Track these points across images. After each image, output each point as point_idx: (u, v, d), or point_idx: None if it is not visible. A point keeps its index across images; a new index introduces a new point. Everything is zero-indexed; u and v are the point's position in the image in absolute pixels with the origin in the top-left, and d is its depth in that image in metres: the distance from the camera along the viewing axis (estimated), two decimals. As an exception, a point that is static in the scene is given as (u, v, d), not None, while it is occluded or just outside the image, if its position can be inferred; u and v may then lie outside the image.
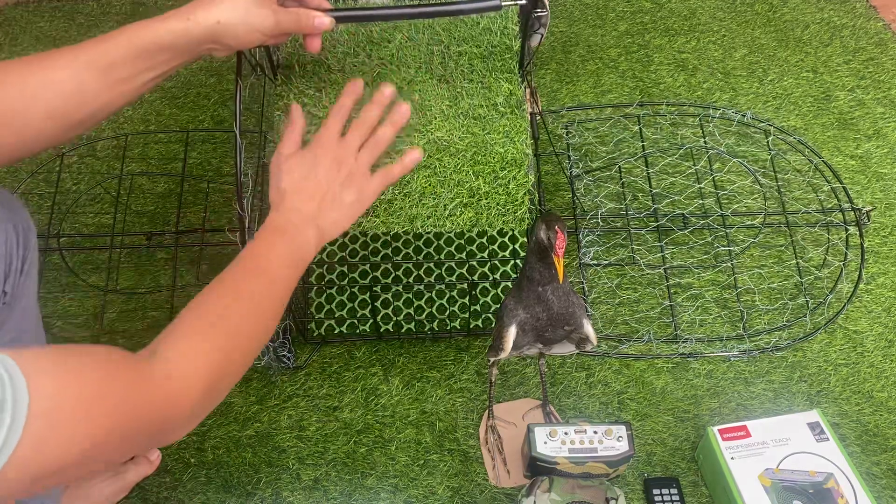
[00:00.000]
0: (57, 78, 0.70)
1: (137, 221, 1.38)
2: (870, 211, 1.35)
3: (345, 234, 0.91)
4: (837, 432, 1.10)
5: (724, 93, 1.70)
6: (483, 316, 1.23)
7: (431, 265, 1.32)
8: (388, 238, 1.29)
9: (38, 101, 0.69)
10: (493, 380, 1.08)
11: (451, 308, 1.24)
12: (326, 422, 1.11)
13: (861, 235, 1.33)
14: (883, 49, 1.84)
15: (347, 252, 1.29)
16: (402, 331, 1.21)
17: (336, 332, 1.21)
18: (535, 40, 1.61)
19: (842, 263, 1.32)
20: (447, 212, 0.95)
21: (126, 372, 0.60)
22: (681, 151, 1.49)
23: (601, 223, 1.35)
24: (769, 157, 1.43)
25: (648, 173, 1.41)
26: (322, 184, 0.83)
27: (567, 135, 1.44)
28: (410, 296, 1.27)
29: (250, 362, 0.75)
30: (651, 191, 1.40)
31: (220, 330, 0.70)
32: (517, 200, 0.95)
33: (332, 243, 1.28)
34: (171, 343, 0.66)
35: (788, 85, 1.73)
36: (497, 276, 1.29)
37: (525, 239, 1.28)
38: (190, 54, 0.78)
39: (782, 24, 1.92)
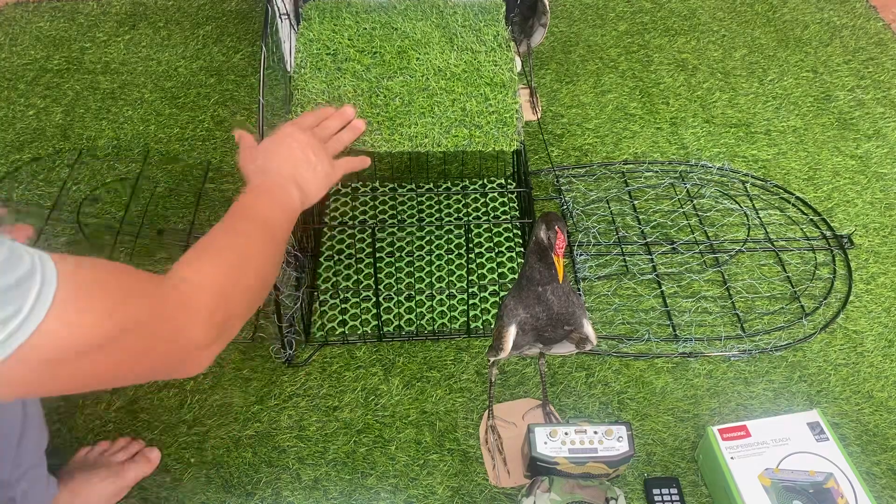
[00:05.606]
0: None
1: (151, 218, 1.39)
2: (851, 235, 1.36)
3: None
4: (837, 432, 1.10)
5: (724, 93, 1.70)
6: (483, 318, 1.23)
7: (433, 269, 1.32)
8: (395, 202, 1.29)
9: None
10: (493, 380, 1.08)
11: (452, 313, 1.25)
12: (326, 422, 1.11)
13: (847, 259, 1.34)
14: (883, 49, 1.84)
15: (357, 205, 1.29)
16: (403, 333, 1.22)
17: (338, 332, 1.21)
18: (536, 38, 1.61)
19: (831, 276, 1.32)
20: (444, 129, 1.05)
21: (140, 272, 0.64)
22: (667, 200, 1.48)
23: (593, 241, 1.36)
24: (750, 203, 1.44)
25: (634, 204, 1.44)
26: (297, 153, 0.92)
27: (557, 182, 1.47)
28: (411, 302, 1.27)
29: (256, 299, 0.78)
30: (637, 215, 1.42)
31: (222, 257, 0.74)
32: (506, 121, 1.06)
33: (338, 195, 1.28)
34: (178, 267, 0.70)
35: (788, 85, 1.73)
36: (496, 275, 1.30)
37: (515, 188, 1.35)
38: None
39: (782, 24, 1.92)
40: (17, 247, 0.52)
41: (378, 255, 1.33)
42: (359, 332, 1.22)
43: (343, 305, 1.26)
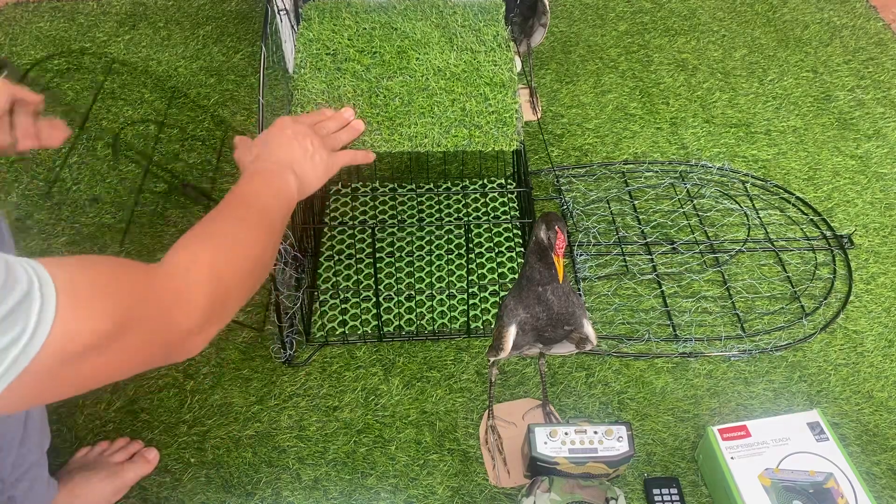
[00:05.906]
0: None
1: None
2: (851, 235, 1.36)
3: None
4: (837, 432, 1.10)
5: (724, 93, 1.70)
6: (483, 318, 1.23)
7: (433, 269, 1.32)
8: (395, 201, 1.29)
9: None
10: (493, 380, 1.08)
11: (452, 313, 1.25)
12: (326, 422, 1.11)
13: (847, 259, 1.34)
14: (883, 49, 1.84)
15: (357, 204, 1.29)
16: (403, 333, 1.22)
17: (338, 332, 1.21)
18: (536, 38, 1.61)
19: (831, 276, 1.32)
20: (444, 129, 1.05)
21: (134, 266, 0.64)
22: (667, 200, 1.48)
23: (593, 241, 1.36)
24: (750, 203, 1.44)
25: (634, 204, 1.44)
26: (294, 143, 0.92)
27: (557, 181, 1.47)
28: (411, 302, 1.27)
29: (252, 284, 0.78)
30: (637, 215, 1.41)
31: (217, 243, 0.74)
32: (506, 121, 1.06)
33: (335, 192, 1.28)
34: (172, 253, 0.70)
35: (788, 85, 1.73)
36: (496, 275, 1.30)
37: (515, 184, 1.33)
38: None
39: (782, 24, 1.92)
40: (12, 262, 0.52)
41: (378, 255, 1.33)
42: (359, 333, 1.22)
43: (343, 305, 1.26)
